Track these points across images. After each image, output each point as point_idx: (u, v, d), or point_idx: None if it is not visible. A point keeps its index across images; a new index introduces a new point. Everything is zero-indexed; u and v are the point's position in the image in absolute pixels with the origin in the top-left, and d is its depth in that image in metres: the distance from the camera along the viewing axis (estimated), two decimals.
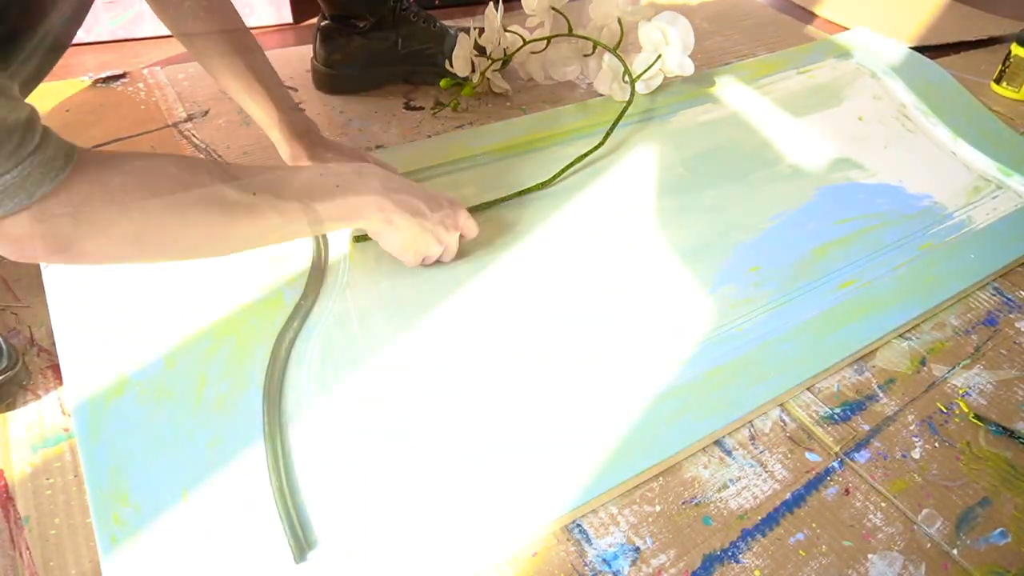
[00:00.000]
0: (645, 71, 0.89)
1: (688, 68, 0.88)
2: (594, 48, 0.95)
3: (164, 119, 0.85)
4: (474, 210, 0.69)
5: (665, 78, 0.92)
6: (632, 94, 0.85)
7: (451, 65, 0.90)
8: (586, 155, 0.78)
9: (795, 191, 0.79)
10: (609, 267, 0.67)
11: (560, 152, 0.80)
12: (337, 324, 0.58)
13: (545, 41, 0.94)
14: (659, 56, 0.88)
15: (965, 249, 0.74)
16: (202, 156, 0.79)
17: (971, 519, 0.51)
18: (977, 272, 0.71)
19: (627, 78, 0.86)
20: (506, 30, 0.91)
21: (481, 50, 0.91)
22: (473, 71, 0.91)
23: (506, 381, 0.55)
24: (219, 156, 0.80)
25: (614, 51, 0.89)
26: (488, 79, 0.93)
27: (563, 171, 0.76)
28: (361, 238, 0.65)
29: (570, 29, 0.93)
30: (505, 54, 0.92)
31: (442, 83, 0.93)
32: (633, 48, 0.92)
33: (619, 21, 0.92)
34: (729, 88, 0.95)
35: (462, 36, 0.90)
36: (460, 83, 0.93)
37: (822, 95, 0.97)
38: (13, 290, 0.61)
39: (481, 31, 0.90)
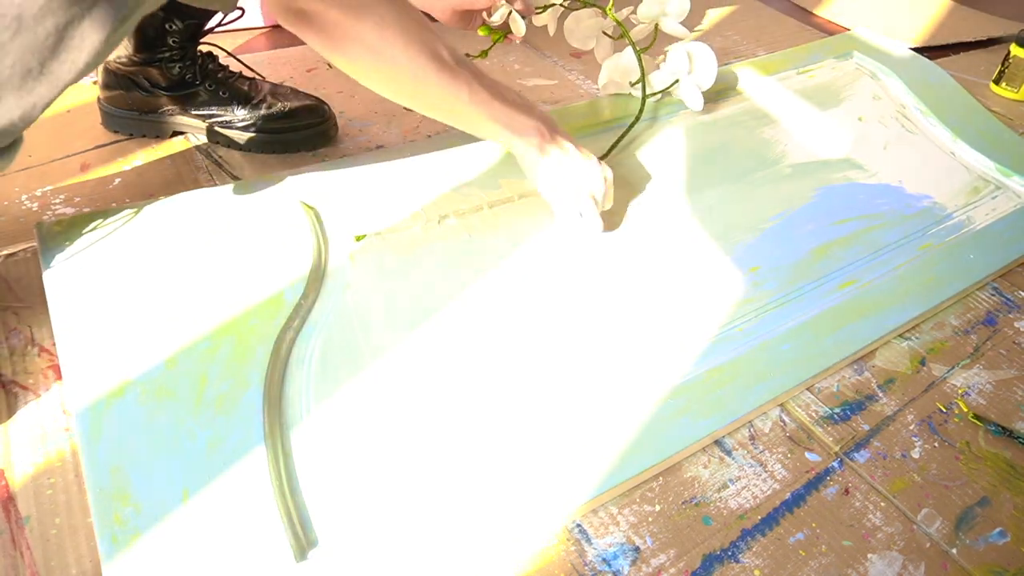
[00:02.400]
0: (658, 93, 0.87)
1: (698, 104, 0.87)
2: (620, 36, 0.91)
3: None
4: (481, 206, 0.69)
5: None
6: (641, 110, 0.84)
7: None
8: None
9: (795, 191, 0.79)
10: (608, 268, 0.67)
11: None
12: (337, 324, 0.58)
13: (581, 3, 0.89)
14: (676, 80, 0.88)
15: (964, 249, 0.74)
16: (202, 156, 0.80)
17: (970, 519, 0.51)
18: (976, 272, 0.71)
19: (638, 88, 0.85)
20: None
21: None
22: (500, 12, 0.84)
23: (506, 381, 0.55)
24: (223, 160, 0.80)
25: (639, 54, 0.86)
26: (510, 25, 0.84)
27: None
28: (361, 237, 0.65)
29: (610, 5, 0.89)
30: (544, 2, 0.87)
31: (480, 30, 0.84)
32: (653, 52, 0.91)
33: (656, 27, 0.90)
34: (729, 89, 0.95)
35: None
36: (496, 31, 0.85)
37: (822, 95, 0.97)
38: (13, 290, 0.61)
39: None
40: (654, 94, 0.88)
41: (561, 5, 0.89)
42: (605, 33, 0.93)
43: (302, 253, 0.62)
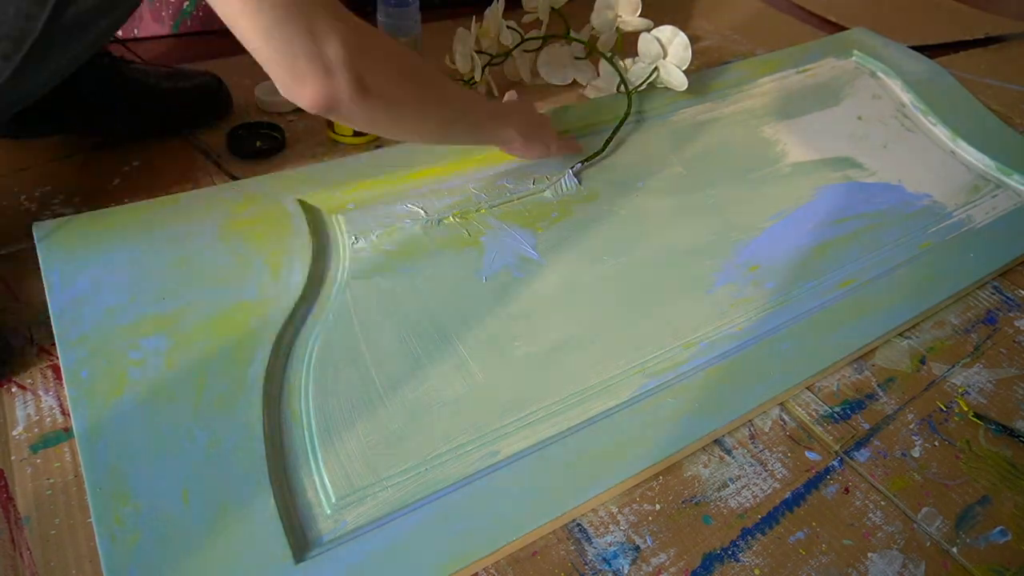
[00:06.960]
0: (642, 84, 0.88)
1: (682, 84, 0.87)
2: (589, 53, 0.95)
3: None
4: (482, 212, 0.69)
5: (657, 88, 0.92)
6: (629, 105, 0.84)
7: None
8: (586, 160, 0.78)
9: (795, 190, 0.79)
10: (608, 267, 0.67)
11: None
12: (336, 324, 0.58)
13: (540, 41, 0.93)
14: (655, 68, 0.88)
15: (964, 248, 0.74)
16: (202, 156, 0.79)
17: (971, 518, 0.51)
18: (976, 271, 0.71)
19: (623, 88, 0.86)
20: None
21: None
22: (473, 68, 0.91)
23: (505, 380, 0.55)
24: (222, 160, 0.80)
25: (610, 59, 0.89)
26: (488, 78, 0.93)
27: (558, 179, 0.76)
28: (360, 237, 0.65)
29: (567, 31, 0.93)
30: (503, 50, 0.92)
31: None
32: (628, 54, 0.92)
33: (617, 29, 0.92)
34: (729, 88, 0.95)
35: (461, 31, 0.89)
36: (463, 81, 0.92)
37: (821, 94, 0.97)
38: (13, 290, 0.61)
39: (479, 25, 0.90)
40: (638, 88, 0.88)
41: (524, 50, 0.92)
42: (577, 58, 0.95)
43: (301, 253, 0.62)
